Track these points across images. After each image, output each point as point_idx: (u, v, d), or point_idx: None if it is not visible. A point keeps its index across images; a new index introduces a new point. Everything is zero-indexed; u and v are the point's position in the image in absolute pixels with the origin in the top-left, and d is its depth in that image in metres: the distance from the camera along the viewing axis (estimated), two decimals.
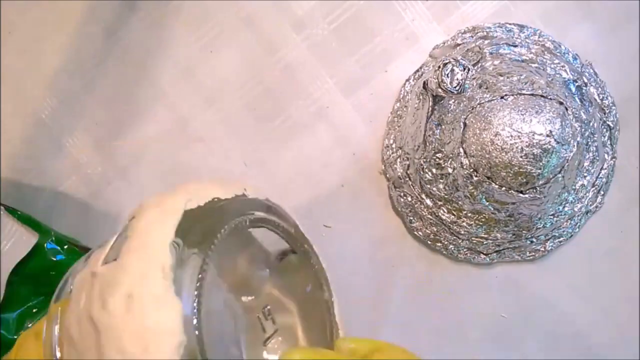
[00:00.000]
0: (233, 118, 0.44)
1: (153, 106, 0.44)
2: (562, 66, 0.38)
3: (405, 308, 0.43)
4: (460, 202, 0.38)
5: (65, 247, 0.41)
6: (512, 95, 0.35)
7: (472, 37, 0.41)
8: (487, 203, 0.37)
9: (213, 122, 0.44)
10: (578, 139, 0.35)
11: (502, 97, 0.35)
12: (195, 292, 0.21)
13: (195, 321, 0.21)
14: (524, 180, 0.34)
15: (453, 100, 0.36)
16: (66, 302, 0.23)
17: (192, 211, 0.23)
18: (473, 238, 0.41)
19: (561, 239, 0.41)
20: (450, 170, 0.37)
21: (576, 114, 0.35)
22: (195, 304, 0.21)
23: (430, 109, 0.36)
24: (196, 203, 0.24)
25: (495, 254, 0.41)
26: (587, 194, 0.40)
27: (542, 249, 0.41)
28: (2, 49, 0.44)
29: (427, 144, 0.38)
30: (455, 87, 0.33)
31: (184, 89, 0.44)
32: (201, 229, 0.23)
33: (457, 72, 0.33)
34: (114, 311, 0.20)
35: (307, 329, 0.29)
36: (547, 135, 0.33)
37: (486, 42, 0.39)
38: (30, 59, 0.44)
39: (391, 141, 0.42)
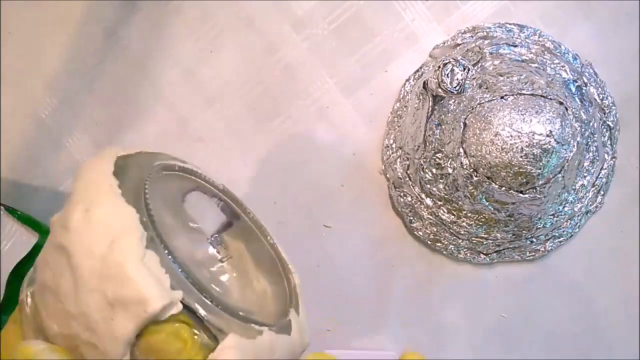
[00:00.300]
0: (233, 118, 0.44)
1: (153, 106, 0.44)
2: (562, 66, 0.38)
3: (405, 308, 0.43)
4: (460, 202, 0.38)
5: None
6: (512, 95, 0.35)
7: (472, 37, 0.41)
8: (487, 203, 0.37)
9: (213, 122, 0.44)
10: (578, 139, 0.35)
11: (502, 97, 0.35)
12: (145, 200, 0.25)
13: (150, 222, 0.24)
14: (524, 180, 0.34)
15: (453, 100, 0.36)
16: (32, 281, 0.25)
17: (125, 157, 0.27)
18: (473, 238, 0.41)
19: (561, 239, 0.41)
20: (450, 170, 0.37)
21: (576, 114, 0.35)
22: (146, 211, 0.24)
23: (430, 109, 0.36)
24: (126, 152, 0.27)
25: (495, 254, 0.41)
26: (587, 194, 0.40)
27: (542, 249, 0.41)
28: (2, 49, 0.44)
29: (427, 144, 0.38)
30: (455, 87, 0.33)
31: (184, 89, 0.44)
32: (136, 167, 0.27)
33: (457, 72, 0.33)
34: (76, 227, 0.22)
35: (256, 260, 0.31)
36: (547, 135, 0.33)
37: (486, 42, 0.39)
38: (30, 59, 0.44)
39: (391, 141, 0.42)
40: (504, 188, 0.35)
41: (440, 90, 0.33)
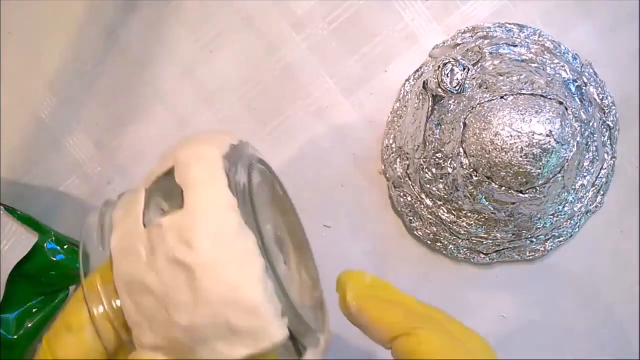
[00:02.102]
0: (233, 118, 0.44)
1: (153, 106, 0.44)
2: (562, 66, 0.38)
3: None
4: (460, 202, 0.38)
5: (65, 247, 0.41)
6: (512, 95, 0.35)
7: (472, 37, 0.41)
8: (487, 203, 0.37)
9: (213, 122, 0.44)
10: (578, 139, 0.35)
11: (502, 97, 0.35)
12: (255, 223, 0.24)
13: (263, 245, 0.23)
14: (524, 180, 0.34)
15: (453, 100, 0.36)
16: (106, 270, 0.24)
17: (226, 155, 0.25)
18: (473, 238, 0.41)
19: (561, 239, 0.41)
20: (450, 170, 0.37)
21: (576, 114, 0.35)
22: (258, 233, 0.23)
23: (430, 109, 0.36)
24: (225, 150, 0.26)
25: (495, 254, 0.41)
26: (587, 194, 0.40)
27: (542, 249, 0.41)
28: (2, 49, 0.44)
29: (427, 144, 0.38)
30: (455, 87, 0.33)
31: (184, 89, 0.44)
32: (240, 164, 0.26)
33: (457, 72, 0.33)
34: (203, 249, 0.22)
35: (297, 249, 0.31)
36: (547, 135, 0.33)
37: (486, 42, 0.39)
38: (30, 59, 0.44)
39: (391, 141, 0.42)
40: (504, 188, 0.35)
41: (440, 90, 0.33)
